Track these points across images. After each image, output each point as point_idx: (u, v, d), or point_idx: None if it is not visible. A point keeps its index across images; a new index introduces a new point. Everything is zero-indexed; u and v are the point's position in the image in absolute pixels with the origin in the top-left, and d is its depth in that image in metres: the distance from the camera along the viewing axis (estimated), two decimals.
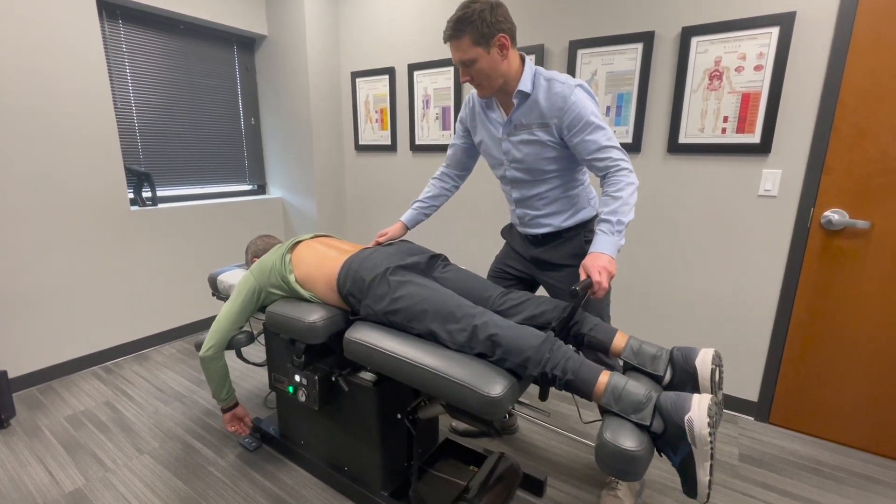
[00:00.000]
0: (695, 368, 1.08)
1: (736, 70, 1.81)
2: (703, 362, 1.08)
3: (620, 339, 1.19)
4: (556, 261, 1.49)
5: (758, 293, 1.92)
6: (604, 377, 1.03)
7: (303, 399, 1.50)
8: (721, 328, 2.02)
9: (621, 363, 1.23)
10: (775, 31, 1.71)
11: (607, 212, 1.22)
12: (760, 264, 1.89)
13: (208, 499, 1.52)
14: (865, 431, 1.80)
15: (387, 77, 2.82)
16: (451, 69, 2.55)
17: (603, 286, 1.13)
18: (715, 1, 1.81)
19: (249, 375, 2.37)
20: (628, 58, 2.02)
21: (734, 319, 1.98)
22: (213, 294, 1.92)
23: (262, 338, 2.28)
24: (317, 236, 1.63)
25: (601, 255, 1.18)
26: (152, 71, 2.59)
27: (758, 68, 1.77)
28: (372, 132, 3.00)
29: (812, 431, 1.90)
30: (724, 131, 1.87)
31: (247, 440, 1.78)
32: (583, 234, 1.45)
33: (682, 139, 1.96)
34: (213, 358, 1.54)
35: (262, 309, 1.58)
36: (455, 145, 1.61)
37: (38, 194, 2.13)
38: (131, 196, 2.57)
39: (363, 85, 2.96)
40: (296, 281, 1.48)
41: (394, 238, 1.58)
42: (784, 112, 1.76)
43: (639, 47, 1.99)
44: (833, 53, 1.65)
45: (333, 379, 1.47)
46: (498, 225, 2.58)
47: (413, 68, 2.69)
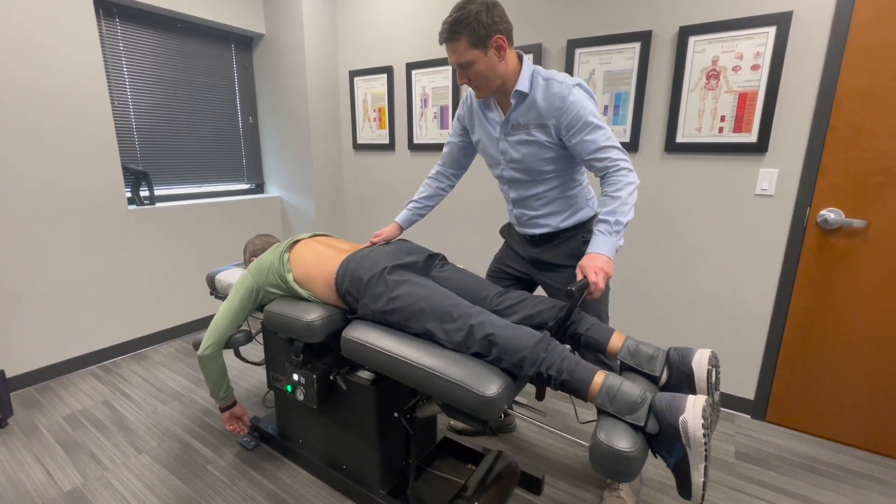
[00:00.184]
0: (691, 369, 1.08)
1: (733, 69, 1.81)
2: (700, 363, 1.07)
3: (617, 340, 1.19)
4: (554, 261, 1.48)
5: (754, 291, 1.92)
6: (599, 377, 1.03)
7: (301, 398, 1.50)
8: (717, 326, 2.03)
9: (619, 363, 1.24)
10: (772, 31, 1.72)
11: (606, 212, 1.21)
12: (757, 263, 1.90)
13: (207, 498, 1.53)
14: (861, 429, 1.81)
15: (385, 76, 2.82)
16: (449, 68, 2.55)
17: (599, 287, 1.13)
18: (712, 0, 1.81)
19: (248, 374, 2.38)
20: (626, 57, 2.02)
21: (730, 318, 1.99)
22: (211, 293, 1.92)
23: (261, 337, 2.28)
24: (315, 235, 1.63)
25: (598, 256, 1.17)
26: (149, 70, 2.59)
27: (755, 68, 1.77)
28: (370, 131, 2.99)
29: (808, 429, 1.92)
30: (721, 131, 1.87)
31: (245, 439, 1.78)
32: (580, 235, 1.44)
33: (680, 138, 1.96)
34: (212, 357, 1.55)
35: (261, 308, 1.58)
36: (451, 143, 1.60)
37: (35, 193, 2.13)
38: (129, 195, 2.56)
39: (361, 84, 2.95)
40: (294, 280, 1.48)
41: (389, 239, 1.57)
42: (781, 111, 1.77)
43: (636, 46, 1.99)
44: (829, 53, 1.65)
45: (332, 378, 1.47)
46: (496, 224, 2.58)
47: (411, 67, 2.68)
